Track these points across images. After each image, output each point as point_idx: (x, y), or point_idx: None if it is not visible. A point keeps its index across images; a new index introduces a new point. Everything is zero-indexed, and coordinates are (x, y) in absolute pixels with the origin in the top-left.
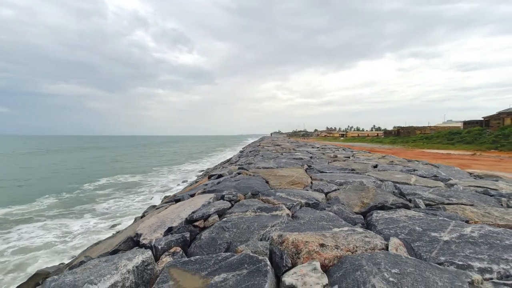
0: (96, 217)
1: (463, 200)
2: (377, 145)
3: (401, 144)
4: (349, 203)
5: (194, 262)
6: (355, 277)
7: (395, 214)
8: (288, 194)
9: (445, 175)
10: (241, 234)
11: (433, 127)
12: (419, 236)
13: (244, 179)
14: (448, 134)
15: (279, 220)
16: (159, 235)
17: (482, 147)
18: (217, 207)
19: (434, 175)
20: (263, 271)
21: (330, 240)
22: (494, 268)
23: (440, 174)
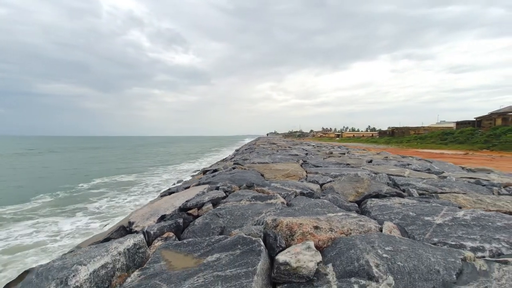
0: (88, 215)
1: (456, 189)
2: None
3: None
4: (344, 193)
5: (186, 244)
6: (349, 255)
7: (389, 201)
8: (283, 184)
9: (438, 169)
10: (235, 220)
11: (427, 128)
12: (412, 221)
13: (239, 173)
14: (441, 134)
15: (273, 207)
16: (151, 222)
17: (474, 147)
18: (211, 196)
19: (428, 169)
20: (256, 251)
21: (324, 223)
22: (486, 247)
23: (434, 168)
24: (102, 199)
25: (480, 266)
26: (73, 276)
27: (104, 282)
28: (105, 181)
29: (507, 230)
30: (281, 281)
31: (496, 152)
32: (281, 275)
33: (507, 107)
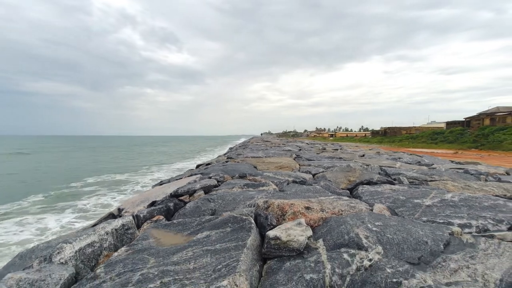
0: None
1: (445, 178)
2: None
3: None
4: (336, 181)
5: (176, 224)
6: (340, 230)
7: (380, 188)
8: (276, 174)
9: (428, 162)
10: (226, 204)
11: (418, 128)
12: (402, 203)
13: (232, 165)
14: (431, 134)
15: (265, 193)
16: (141, 208)
17: (463, 146)
18: (203, 184)
19: (418, 162)
20: (246, 228)
21: (315, 205)
22: (473, 223)
23: (424, 161)
24: (92, 197)
25: (467, 239)
26: (57, 253)
27: (90, 260)
28: (97, 180)
29: (493, 209)
30: (272, 256)
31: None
32: (272, 250)
33: (495, 108)
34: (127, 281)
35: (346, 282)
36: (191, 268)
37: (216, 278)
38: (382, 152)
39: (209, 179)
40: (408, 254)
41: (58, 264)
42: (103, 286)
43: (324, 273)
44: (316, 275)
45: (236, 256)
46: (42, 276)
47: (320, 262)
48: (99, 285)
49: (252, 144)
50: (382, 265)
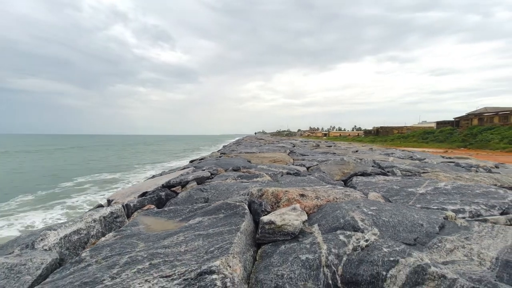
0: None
1: (437, 169)
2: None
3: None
4: (330, 173)
5: (168, 211)
6: (335, 215)
7: (374, 179)
8: (270, 166)
9: (420, 156)
10: (220, 194)
11: (409, 127)
12: (396, 192)
13: (226, 159)
14: (422, 134)
15: (259, 184)
16: (132, 198)
17: (453, 145)
18: (195, 175)
19: (410, 157)
20: (240, 213)
21: (310, 192)
22: (466, 209)
23: (415, 156)
24: (82, 195)
25: (461, 223)
26: (41, 240)
27: (76, 248)
28: (88, 179)
29: (485, 195)
30: (266, 241)
31: (473, 151)
32: (266, 235)
33: (483, 108)
34: (114, 263)
35: (342, 262)
36: (182, 251)
37: (209, 259)
38: (375, 148)
39: (202, 171)
40: (404, 235)
41: (41, 250)
42: (89, 269)
43: (320, 253)
44: (312, 255)
45: (230, 239)
46: (22, 260)
47: (316, 244)
48: (84, 268)
49: (246, 141)
50: (378, 245)
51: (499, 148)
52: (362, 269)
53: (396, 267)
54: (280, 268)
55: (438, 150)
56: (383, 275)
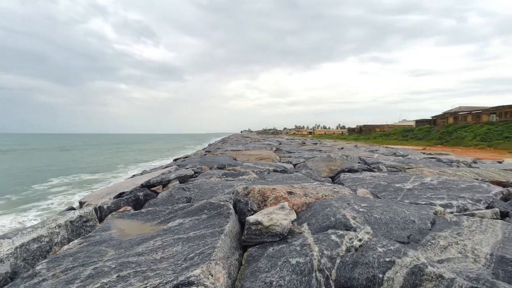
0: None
1: (421, 165)
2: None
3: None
4: (318, 169)
5: (145, 213)
6: (325, 213)
7: (361, 175)
8: (256, 164)
9: (403, 153)
10: (203, 193)
11: (390, 126)
12: (384, 188)
13: (211, 157)
14: (403, 132)
15: (245, 181)
16: (107, 200)
17: (430, 142)
18: (178, 173)
19: (394, 153)
20: (224, 214)
21: (298, 190)
22: (454, 203)
23: (399, 152)
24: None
25: (451, 218)
26: None
27: (36, 259)
28: (64, 181)
29: (470, 190)
30: (253, 242)
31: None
32: (252, 236)
33: (457, 108)
34: (74, 277)
35: (336, 265)
36: (158, 259)
37: (187, 268)
38: (360, 145)
39: (185, 170)
40: (397, 233)
41: None
42: (43, 285)
43: (311, 256)
44: (303, 259)
45: (212, 243)
46: None
47: (307, 245)
48: (38, 284)
49: (232, 139)
50: (372, 245)
51: (472, 145)
52: (357, 272)
53: (392, 268)
54: (268, 275)
55: (417, 147)
56: (380, 278)
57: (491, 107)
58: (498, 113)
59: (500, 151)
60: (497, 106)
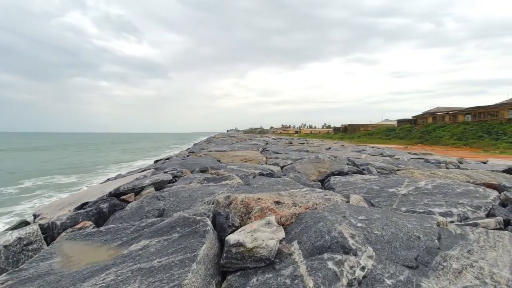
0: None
1: (410, 167)
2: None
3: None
4: (306, 172)
5: (104, 232)
6: (318, 229)
7: (351, 178)
8: (241, 166)
9: (390, 153)
10: (180, 202)
11: (374, 125)
12: (377, 193)
13: (193, 159)
14: (385, 131)
15: (228, 187)
16: (66, 212)
17: (411, 141)
18: (154, 179)
19: (381, 153)
20: (200, 232)
21: (286, 198)
22: (454, 211)
23: (385, 153)
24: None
25: (455, 230)
26: None
27: None
28: (37, 183)
29: (467, 195)
30: (233, 268)
31: (428, 146)
32: (233, 261)
33: (435, 108)
34: None
35: None
36: None
37: None
38: (346, 145)
39: (163, 174)
40: (403, 254)
41: None
42: None
43: None
44: None
45: (180, 278)
46: None
47: (299, 277)
48: None
49: (217, 139)
50: (378, 275)
51: (450, 143)
52: None
53: None
54: None
55: (399, 146)
56: None
57: (466, 108)
58: (472, 114)
59: (475, 150)
60: (471, 107)
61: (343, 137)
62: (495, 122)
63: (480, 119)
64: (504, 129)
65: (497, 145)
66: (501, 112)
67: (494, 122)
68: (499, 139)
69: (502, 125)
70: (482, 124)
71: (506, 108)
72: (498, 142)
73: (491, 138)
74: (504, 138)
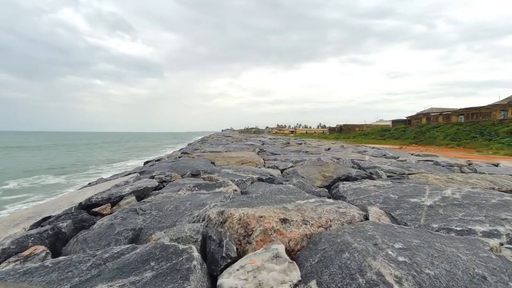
0: None
1: (422, 170)
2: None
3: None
4: (310, 177)
5: (51, 268)
6: (343, 263)
7: (362, 184)
8: (237, 170)
9: (393, 155)
10: (163, 217)
11: (369, 125)
12: (397, 204)
13: (184, 161)
14: (380, 131)
15: (222, 197)
16: (20, 230)
17: (406, 142)
18: (136, 186)
19: (384, 155)
20: (182, 271)
21: (294, 214)
22: (500, 231)
23: (388, 154)
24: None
25: None
26: None
27: None
28: (23, 185)
29: (507, 207)
30: None
31: (422, 146)
32: None
33: (429, 109)
34: None
35: None
36: None
37: None
38: (346, 146)
39: (147, 180)
40: None
41: None
42: None
43: None
44: None
45: None
46: None
47: None
48: None
49: (212, 139)
50: None
51: (443, 144)
52: None
53: None
54: None
55: (394, 146)
56: None
57: (459, 109)
58: (465, 115)
59: (468, 150)
60: (465, 108)
61: (339, 137)
62: (487, 123)
63: (473, 120)
64: (496, 130)
65: (490, 146)
66: (493, 113)
67: (486, 123)
68: (492, 140)
69: (494, 126)
70: (475, 125)
71: (498, 109)
72: (491, 142)
73: (484, 138)
74: (497, 138)
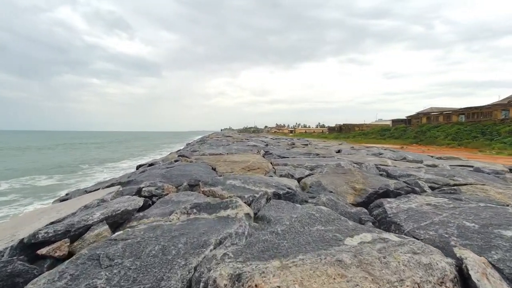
0: None
1: (470, 180)
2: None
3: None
4: (337, 190)
5: None
6: None
7: (412, 203)
8: (245, 181)
9: (414, 157)
10: (140, 272)
11: (368, 125)
12: (486, 240)
13: (180, 167)
14: (380, 131)
15: (232, 229)
16: None
17: (406, 141)
18: (110, 209)
19: (403, 158)
20: None
21: (360, 277)
22: None
23: (408, 157)
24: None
25: None
26: None
27: None
28: (14, 186)
29: None
30: None
31: (423, 146)
32: None
33: (429, 108)
34: None
35: None
36: None
37: None
38: (357, 147)
39: (128, 199)
40: None
41: None
42: None
43: None
44: None
45: None
46: None
47: None
48: None
49: (211, 139)
50: None
51: (444, 144)
52: None
53: None
54: None
55: (395, 146)
56: None
57: (460, 108)
58: (466, 114)
59: (471, 150)
60: (465, 108)
61: (338, 137)
62: (488, 123)
63: (474, 120)
64: (498, 129)
65: (492, 146)
66: (494, 113)
67: (487, 123)
68: (493, 140)
69: (496, 126)
70: (476, 125)
71: (499, 108)
72: (493, 142)
73: (485, 138)
74: (498, 138)
